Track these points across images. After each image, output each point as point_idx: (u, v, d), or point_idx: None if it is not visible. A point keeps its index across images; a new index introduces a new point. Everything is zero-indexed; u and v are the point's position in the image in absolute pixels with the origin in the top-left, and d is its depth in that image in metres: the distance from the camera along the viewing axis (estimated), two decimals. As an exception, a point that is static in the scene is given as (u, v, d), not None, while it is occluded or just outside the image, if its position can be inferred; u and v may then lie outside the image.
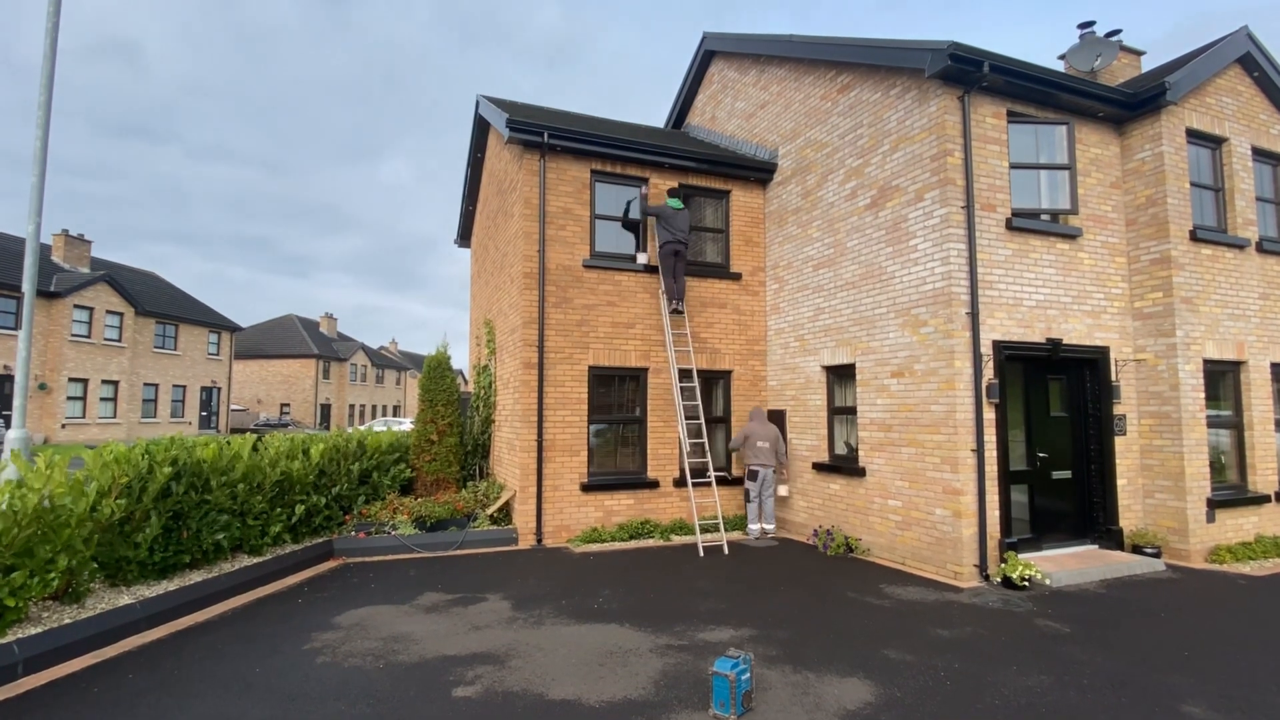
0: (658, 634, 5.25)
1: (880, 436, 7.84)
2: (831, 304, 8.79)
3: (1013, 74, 7.14)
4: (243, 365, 46.91)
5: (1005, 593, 6.42)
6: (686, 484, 9.32)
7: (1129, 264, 8.13)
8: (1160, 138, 7.87)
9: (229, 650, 4.92)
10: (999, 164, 7.38)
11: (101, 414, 28.97)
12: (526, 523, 8.67)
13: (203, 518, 6.50)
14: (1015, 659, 4.75)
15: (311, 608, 5.98)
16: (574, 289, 9.12)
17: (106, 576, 5.89)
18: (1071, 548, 7.70)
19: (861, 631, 5.31)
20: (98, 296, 28.68)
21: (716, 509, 9.27)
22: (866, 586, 6.64)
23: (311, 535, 8.16)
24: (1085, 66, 9.23)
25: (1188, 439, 7.63)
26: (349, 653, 4.87)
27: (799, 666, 4.59)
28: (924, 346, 7.27)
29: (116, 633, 5.08)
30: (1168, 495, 7.74)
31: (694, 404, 9.41)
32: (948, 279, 6.99)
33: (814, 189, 9.21)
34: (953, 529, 6.86)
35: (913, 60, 7.23)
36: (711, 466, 9.22)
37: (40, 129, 6.41)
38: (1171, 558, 7.60)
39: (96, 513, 5.48)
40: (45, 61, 6.48)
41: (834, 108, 8.83)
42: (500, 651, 4.89)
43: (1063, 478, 7.83)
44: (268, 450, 7.69)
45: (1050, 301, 7.55)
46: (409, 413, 62.06)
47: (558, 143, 8.95)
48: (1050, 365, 7.81)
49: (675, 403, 9.32)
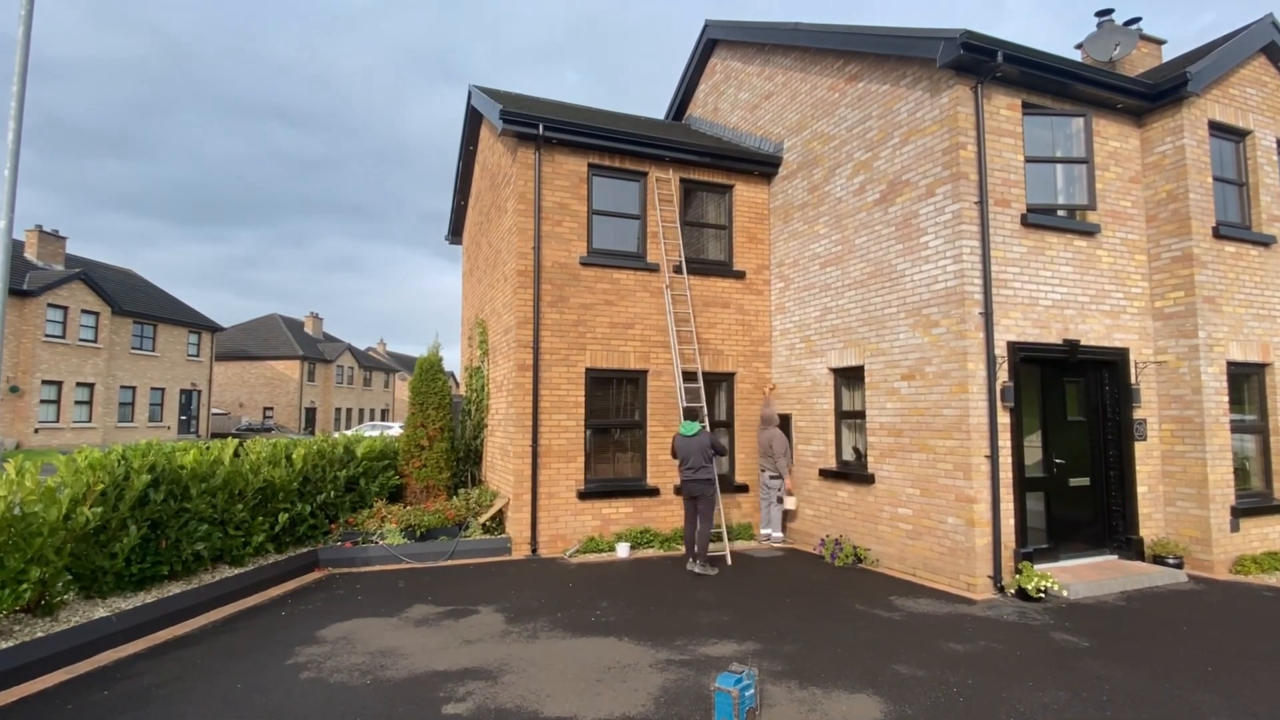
0: (658, 648, 5.24)
1: (890, 442, 7.84)
2: (839, 303, 8.79)
3: (1028, 64, 7.15)
4: (224, 367, 46.85)
5: (1021, 605, 6.42)
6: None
7: (1149, 262, 8.14)
8: (1181, 130, 7.88)
9: (209, 665, 4.90)
10: (1014, 157, 7.38)
11: (76, 418, 28.93)
12: (521, 532, 8.66)
13: (182, 527, 6.49)
14: (1031, 674, 4.75)
15: (295, 621, 5.96)
16: (570, 288, 9.11)
17: (81, 588, 5.88)
18: (1090, 558, 7.70)
19: (871, 645, 5.31)
20: (73, 295, 28.65)
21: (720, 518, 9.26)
22: (875, 598, 6.63)
23: (295, 545, 8.15)
24: (1103, 56, 9.25)
25: (1210, 444, 7.64)
26: (335, 668, 4.85)
27: (805, 682, 4.58)
28: (936, 348, 7.28)
29: (91, 647, 5.06)
30: (1190, 503, 7.74)
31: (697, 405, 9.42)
32: (960, 277, 7.00)
33: (821, 183, 9.22)
34: (966, 538, 6.85)
35: (924, 49, 7.24)
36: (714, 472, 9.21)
37: (14, 120, 6.40)
38: (1194, 568, 7.60)
39: (70, 521, 5.47)
40: (19, 49, 6.47)
41: (842, 99, 8.84)
42: (493, 666, 4.88)
43: (1080, 485, 7.83)
44: (250, 456, 7.67)
45: (1067, 301, 7.55)
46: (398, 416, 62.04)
47: (553, 135, 8.96)
48: (1067, 367, 7.81)
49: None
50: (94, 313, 29.72)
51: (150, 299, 35.40)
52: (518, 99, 10.75)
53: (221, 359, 45.58)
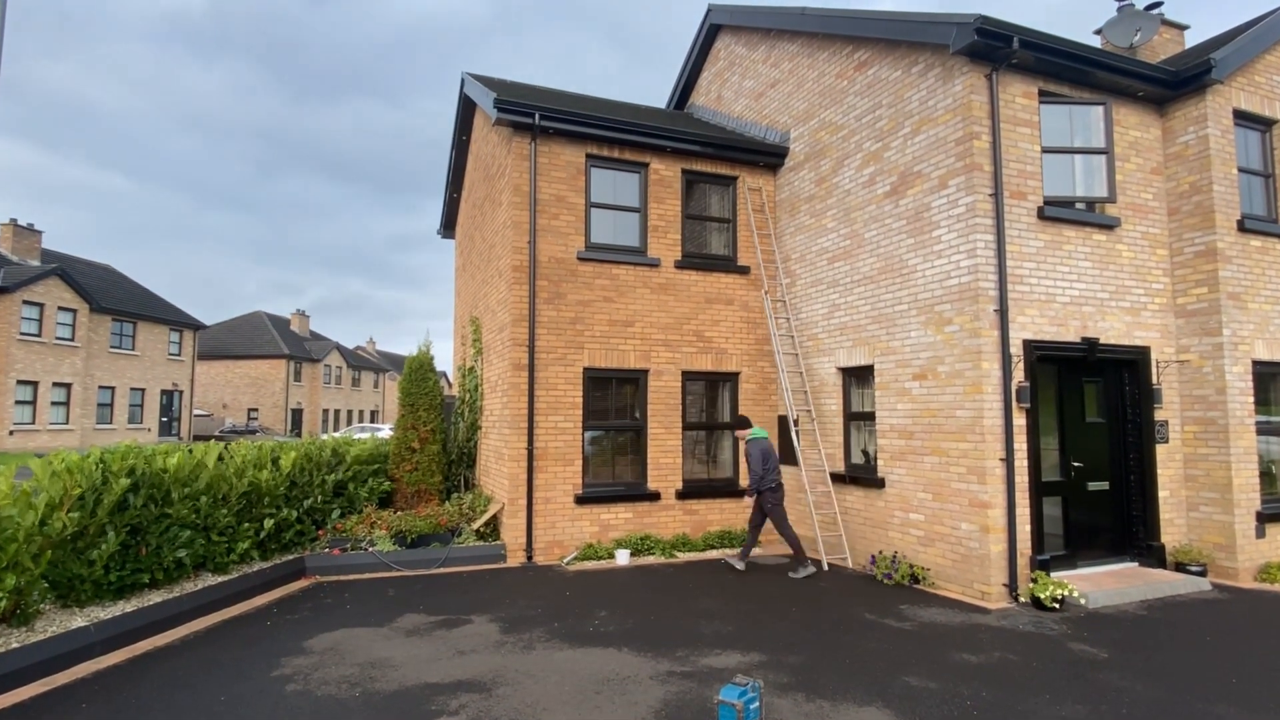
0: (659, 659, 5.24)
1: (901, 444, 7.84)
2: (848, 300, 8.79)
3: (1045, 50, 7.15)
4: (207, 366, 46.87)
5: (1037, 614, 6.42)
6: (690, 496, 9.33)
7: (1171, 256, 8.14)
8: (1205, 119, 7.87)
9: (191, 677, 4.90)
10: (1030, 148, 7.38)
11: (53, 419, 28.94)
12: (516, 538, 8.67)
13: (163, 533, 6.49)
14: (1048, 687, 4.75)
15: (281, 630, 5.96)
16: (568, 283, 9.11)
17: (58, 597, 5.88)
18: (1109, 565, 7.70)
19: (881, 656, 5.31)
20: (49, 292, 28.66)
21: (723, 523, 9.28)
22: (885, 607, 6.64)
23: (281, 552, 8.15)
24: (1124, 42, 9.25)
25: (1235, 447, 7.63)
26: (322, 680, 4.85)
27: (813, 695, 4.58)
28: (948, 346, 7.27)
29: (69, 658, 5.06)
30: (1213, 508, 7.73)
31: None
32: (974, 273, 6.99)
33: (829, 175, 9.21)
34: (980, 545, 6.85)
35: (936, 35, 7.23)
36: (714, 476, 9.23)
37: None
38: (1218, 576, 7.59)
39: (46, 527, 5.47)
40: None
41: (851, 87, 8.84)
42: (487, 679, 4.88)
43: (1099, 489, 7.83)
44: (234, 459, 7.68)
45: (1086, 297, 7.55)
46: (388, 418, 62.05)
47: (550, 124, 8.95)
48: (1086, 367, 7.81)
49: (787, 403, 9.30)
50: (71, 310, 29.73)
51: (130, 296, 35.42)
52: (513, 86, 10.76)
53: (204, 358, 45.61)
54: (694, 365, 9.65)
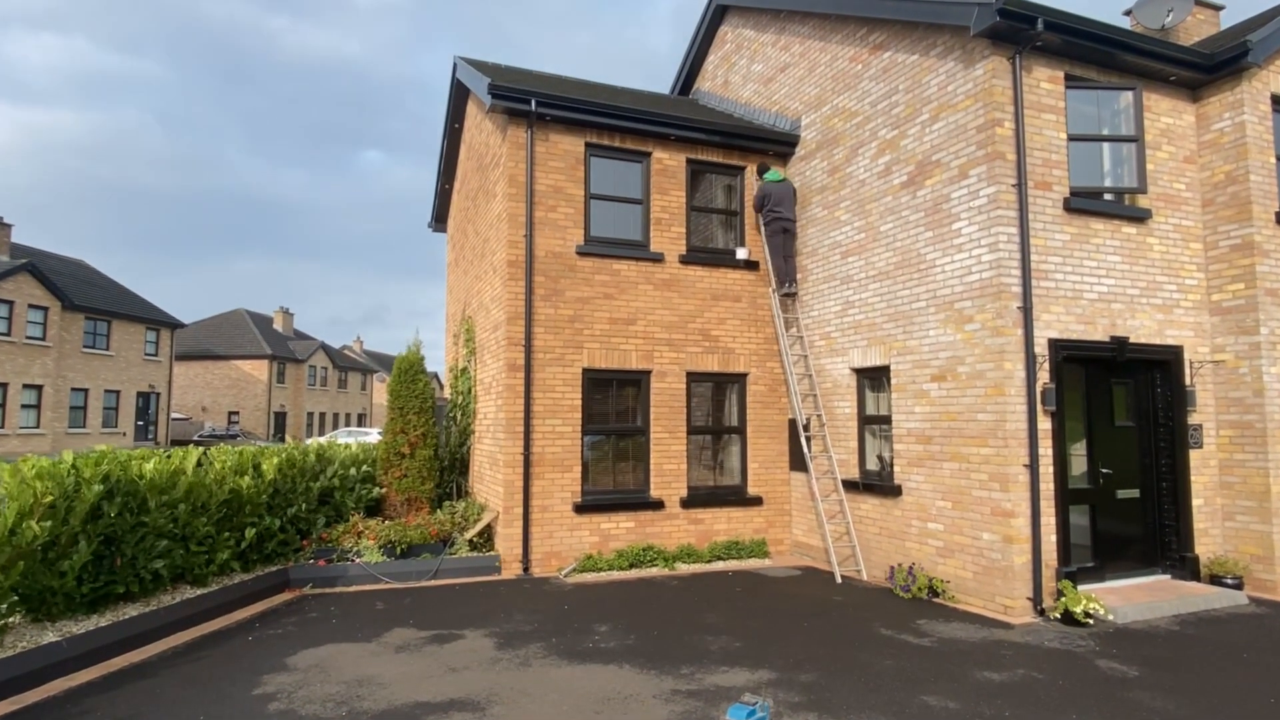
0: (662, 677, 5.24)
1: (918, 450, 7.83)
2: (862, 297, 8.78)
3: (1071, 31, 7.13)
4: (185, 367, 46.98)
5: (1063, 629, 6.41)
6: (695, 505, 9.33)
7: (1205, 250, 8.12)
8: (1241, 105, 7.85)
9: (169, 695, 4.91)
10: (1055, 135, 7.36)
11: (23, 423, 29.03)
12: (511, 549, 8.67)
13: (139, 543, 6.50)
14: (1075, 706, 4.74)
15: (264, 646, 5.97)
16: (566, 280, 9.12)
17: (28, 610, 5.88)
18: (1139, 578, 7.69)
19: (897, 674, 5.30)
20: (19, 288, 28.75)
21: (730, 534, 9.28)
22: (902, 622, 6.63)
23: (264, 563, 8.16)
24: (1155, 23, 9.23)
25: (1274, 453, 7.61)
26: (307, 698, 4.86)
27: (825, 715, 4.58)
28: (969, 346, 7.26)
29: (40, 675, 5.07)
30: (1250, 517, 7.71)
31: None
32: (996, 268, 6.98)
33: (842, 164, 9.21)
34: (1002, 556, 6.84)
35: (956, 16, 7.23)
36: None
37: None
38: (1255, 589, 7.57)
39: (16, 536, 5.47)
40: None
41: (865, 71, 8.83)
42: (481, 697, 4.88)
43: (1129, 497, 7.81)
44: (214, 465, 7.68)
45: (1115, 294, 7.53)
46: (376, 421, 62.13)
47: (547, 111, 8.96)
48: (1115, 367, 7.79)
49: (795, 406, 9.32)
50: (42, 308, 29.82)
51: (104, 293, 35.52)
52: (508, 71, 10.76)
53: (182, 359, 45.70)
54: (699, 366, 9.64)
